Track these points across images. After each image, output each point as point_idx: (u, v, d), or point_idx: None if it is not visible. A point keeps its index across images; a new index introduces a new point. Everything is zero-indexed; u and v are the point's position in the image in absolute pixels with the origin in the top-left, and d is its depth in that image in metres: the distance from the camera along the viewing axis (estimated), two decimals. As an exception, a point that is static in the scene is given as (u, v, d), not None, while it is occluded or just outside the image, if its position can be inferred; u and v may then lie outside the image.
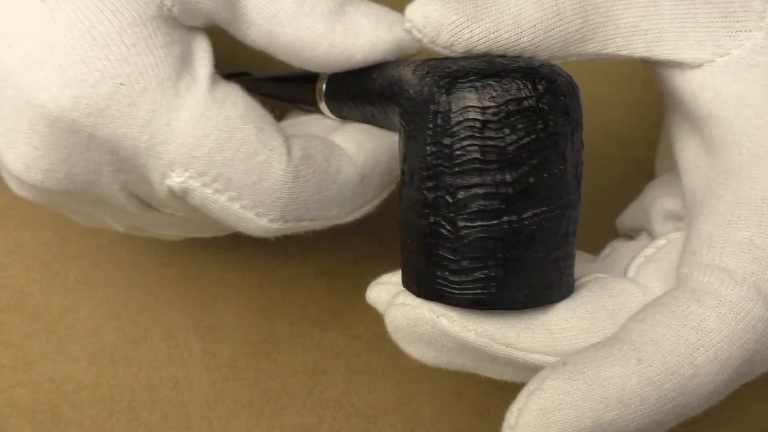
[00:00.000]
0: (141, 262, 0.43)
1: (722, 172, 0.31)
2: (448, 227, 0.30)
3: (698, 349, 0.29)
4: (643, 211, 0.36)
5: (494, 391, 0.43)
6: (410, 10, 0.31)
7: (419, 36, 0.31)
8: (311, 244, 0.44)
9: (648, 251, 0.34)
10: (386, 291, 0.34)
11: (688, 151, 0.33)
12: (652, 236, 0.35)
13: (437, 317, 0.31)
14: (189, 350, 0.43)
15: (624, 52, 0.32)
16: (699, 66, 0.32)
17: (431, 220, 0.30)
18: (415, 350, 0.33)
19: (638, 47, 0.32)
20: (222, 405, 0.42)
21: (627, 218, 0.37)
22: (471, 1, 0.31)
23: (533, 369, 0.31)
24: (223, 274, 0.44)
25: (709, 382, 0.29)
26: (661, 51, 0.32)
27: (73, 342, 0.43)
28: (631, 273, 0.34)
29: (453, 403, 0.43)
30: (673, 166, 0.36)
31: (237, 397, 0.42)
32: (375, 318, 0.44)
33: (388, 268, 0.44)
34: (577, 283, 0.33)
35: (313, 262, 0.44)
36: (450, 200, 0.30)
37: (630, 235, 0.37)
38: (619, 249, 0.36)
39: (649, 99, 0.46)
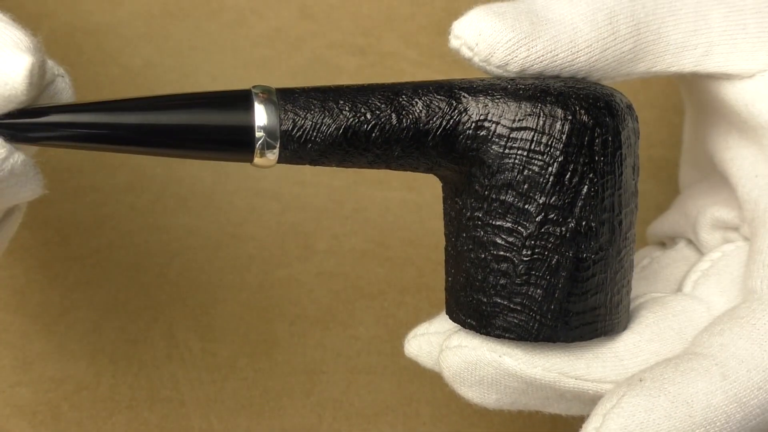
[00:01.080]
0: (141, 262, 0.43)
1: None
2: (520, 261, 0.29)
3: None
4: (687, 220, 0.35)
5: (494, 391, 0.43)
6: (460, 26, 0.30)
7: (469, 54, 0.29)
8: (311, 244, 0.44)
9: (703, 265, 0.33)
10: (427, 342, 0.33)
11: (741, 160, 0.32)
12: (699, 246, 0.35)
13: (500, 356, 0.30)
14: (189, 350, 0.43)
15: (673, 69, 0.31)
16: (750, 76, 0.31)
17: (503, 254, 0.29)
18: (475, 394, 0.31)
19: (687, 63, 0.31)
20: (222, 405, 0.42)
21: (664, 226, 0.36)
22: (526, 18, 0.29)
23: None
24: (223, 274, 0.44)
25: None
26: (711, 64, 0.31)
27: (73, 342, 0.43)
28: (687, 288, 0.33)
29: (453, 403, 0.43)
30: (705, 176, 0.36)
31: (237, 397, 0.42)
32: (375, 318, 0.44)
33: (388, 269, 0.45)
34: (633, 305, 0.32)
35: (313, 262, 0.44)
36: (538, 230, 0.29)
37: (662, 242, 0.37)
38: (659, 259, 0.35)
39: (649, 98, 0.46)
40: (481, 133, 0.29)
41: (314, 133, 0.28)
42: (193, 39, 0.46)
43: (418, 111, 0.28)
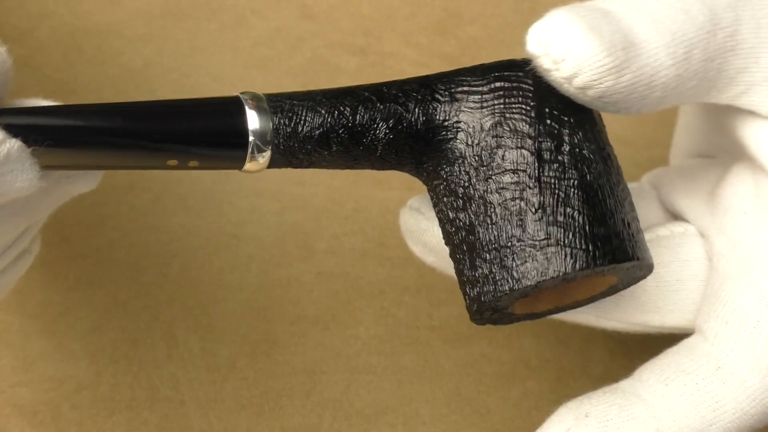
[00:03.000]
0: (141, 262, 0.43)
1: None
2: (533, 202, 0.30)
3: (711, 426, 0.30)
4: (663, 179, 0.36)
5: (494, 391, 0.43)
6: (546, 33, 0.28)
7: (549, 67, 0.28)
8: (311, 244, 0.44)
9: (660, 231, 0.34)
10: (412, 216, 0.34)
11: (737, 187, 0.32)
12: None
13: None
14: (189, 350, 0.43)
15: (712, 101, 0.31)
16: None
17: (516, 203, 0.30)
18: (417, 251, 0.34)
19: (725, 97, 0.31)
20: (222, 405, 0.42)
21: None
22: (620, 40, 0.27)
23: None
24: (223, 274, 0.44)
25: None
26: (745, 102, 0.31)
27: (73, 342, 0.43)
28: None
29: (453, 403, 0.43)
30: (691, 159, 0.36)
31: (237, 396, 0.42)
32: (375, 318, 0.44)
33: (387, 269, 0.45)
34: None
35: (313, 262, 0.44)
36: (538, 165, 0.30)
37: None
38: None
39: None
40: (457, 98, 0.30)
41: (304, 124, 0.29)
42: (193, 39, 0.46)
43: (394, 92, 0.30)
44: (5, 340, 0.42)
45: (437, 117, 0.30)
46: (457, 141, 0.30)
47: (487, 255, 0.30)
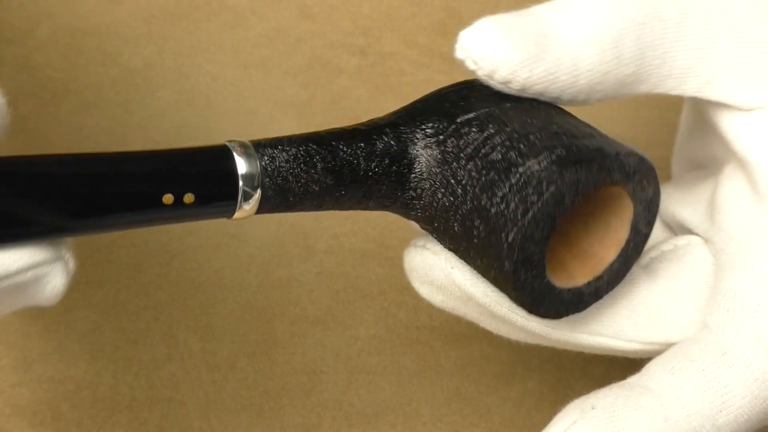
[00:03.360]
0: (141, 262, 0.43)
1: (766, 227, 0.31)
2: (517, 135, 0.31)
3: (721, 411, 0.30)
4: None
5: (494, 391, 0.43)
6: (467, 39, 0.30)
7: (473, 67, 0.30)
8: (311, 244, 0.44)
9: (665, 246, 0.34)
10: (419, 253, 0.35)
11: (730, 184, 0.33)
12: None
13: (452, 268, 0.32)
14: (189, 350, 0.43)
15: (675, 92, 0.32)
16: (748, 110, 0.32)
17: (508, 160, 0.30)
18: (425, 291, 0.33)
19: (689, 88, 0.32)
20: (222, 405, 0.42)
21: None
22: (532, 37, 0.30)
23: (530, 332, 0.32)
24: (222, 274, 0.44)
25: None
26: (712, 92, 0.32)
27: (73, 342, 0.43)
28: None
29: (453, 403, 0.43)
30: (690, 170, 0.36)
31: (237, 396, 0.42)
32: (375, 318, 0.44)
33: (387, 269, 0.45)
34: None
35: (313, 262, 0.44)
36: (508, 126, 0.31)
37: None
38: None
39: (649, 99, 0.46)
40: (414, 111, 0.32)
41: (285, 145, 0.30)
42: (193, 39, 0.46)
43: (360, 124, 0.32)
44: (5, 340, 0.42)
45: (403, 132, 0.31)
46: (429, 141, 0.31)
47: (501, 203, 0.30)
